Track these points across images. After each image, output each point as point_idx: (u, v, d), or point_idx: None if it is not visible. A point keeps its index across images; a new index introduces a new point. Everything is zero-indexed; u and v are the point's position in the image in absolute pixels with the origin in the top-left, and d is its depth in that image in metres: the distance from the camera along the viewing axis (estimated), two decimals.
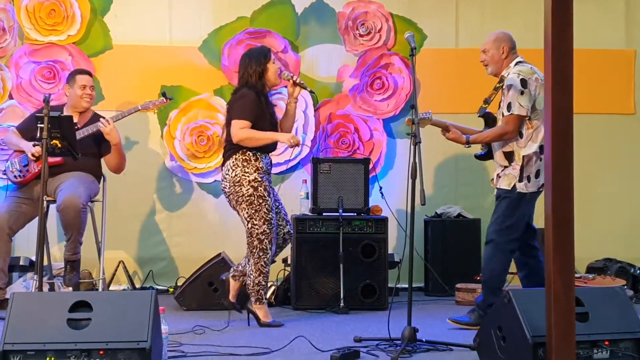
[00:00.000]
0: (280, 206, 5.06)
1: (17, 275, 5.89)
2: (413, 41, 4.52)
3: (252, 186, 4.79)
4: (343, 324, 5.06)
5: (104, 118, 5.50)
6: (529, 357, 3.39)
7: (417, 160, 4.26)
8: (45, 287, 4.58)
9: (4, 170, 5.58)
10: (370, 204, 5.82)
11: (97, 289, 5.73)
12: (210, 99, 6.38)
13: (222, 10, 6.44)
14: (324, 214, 5.70)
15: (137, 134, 6.36)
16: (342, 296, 5.44)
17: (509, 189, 4.85)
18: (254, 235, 4.81)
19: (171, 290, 6.13)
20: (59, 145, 4.54)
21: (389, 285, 5.61)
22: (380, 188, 5.83)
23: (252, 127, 4.81)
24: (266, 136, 4.84)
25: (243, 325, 4.92)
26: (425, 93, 6.38)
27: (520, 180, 4.83)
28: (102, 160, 5.62)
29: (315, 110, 6.43)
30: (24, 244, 6.03)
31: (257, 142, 4.82)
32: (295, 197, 6.08)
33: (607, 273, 6.08)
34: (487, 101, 5.06)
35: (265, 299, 4.95)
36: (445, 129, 5.01)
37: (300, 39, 6.49)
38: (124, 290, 6.03)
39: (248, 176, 4.80)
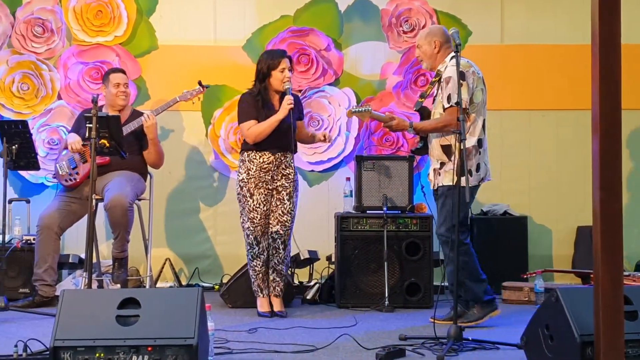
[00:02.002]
0: (280, 205, 5.18)
1: (67, 272, 5.99)
2: (458, 37, 4.49)
3: (239, 185, 5.19)
4: (388, 322, 5.05)
5: (147, 112, 5.57)
6: (577, 356, 3.35)
7: (462, 158, 4.24)
8: (94, 285, 4.65)
9: (54, 174, 5.67)
10: (415, 201, 5.80)
11: (145, 286, 5.81)
12: None
13: (266, 9, 6.47)
14: (367, 211, 5.69)
15: (183, 132, 6.43)
16: (386, 294, 5.43)
17: (452, 184, 4.77)
18: (244, 230, 5.25)
19: (216, 287, 6.18)
20: (107, 144, 4.60)
21: (434, 283, 5.59)
22: (422, 187, 5.80)
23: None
24: (269, 122, 5.08)
25: (289, 324, 4.94)
26: None
27: (462, 174, 4.78)
28: None
29: None
30: (73, 242, 6.14)
31: (266, 131, 5.08)
32: (338, 194, 6.09)
33: None
34: (423, 95, 5.05)
35: (257, 289, 5.24)
36: (389, 119, 4.95)
37: (343, 37, 6.48)
38: (170, 287, 6.09)
39: (239, 176, 5.21)
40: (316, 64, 6.36)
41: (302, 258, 5.97)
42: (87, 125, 4.52)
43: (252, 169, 5.14)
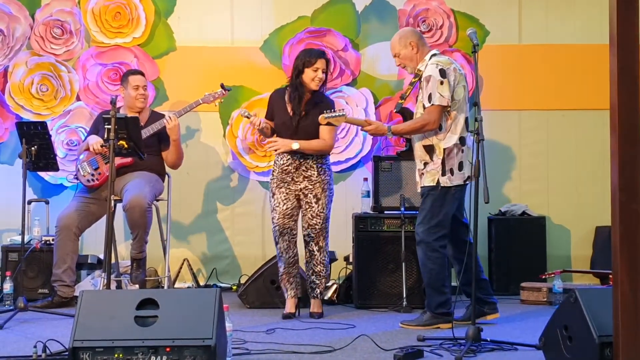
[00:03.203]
0: (309, 209, 5.15)
1: (85, 273, 6.02)
2: (475, 38, 4.47)
3: (269, 186, 5.27)
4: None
5: (168, 114, 5.59)
6: (595, 356, 3.33)
7: (480, 158, 4.23)
8: (113, 285, 4.68)
9: (75, 174, 5.71)
10: None
11: (163, 287, 5.83)
12: None
13: (283, 10, 6.47)
14: (385, 212, 5.69)
15: (200, 133, 6.45)
16: (404, 295, 5.42)
17: (434, 184, 4.76)
18: None
19: (234, 288, 6.20)
20: (126, 145, 4.62)
21: (452, 284, 5.57)
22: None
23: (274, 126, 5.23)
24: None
25: (307, 324, 4.94)
26: (487, 90, 6.31)
27: (443, 174, 4.75)
28: None
29: (376, 108, 6.41)
30: (92, 243, 6.17)
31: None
32: (356, 195, 6.08)
33: None
34: (403, 97, 5.00)
35: (283, 289, 5.26)
36: (366, 124, 4.91)
37: (360, 37, 6.48)
38: (188, 288, 6.12)
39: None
40: (333, 65, 6.36)
41: None
42: (106, 126, 4.55)
43: (276, 170, 5.20)
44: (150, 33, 6.41)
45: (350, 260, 5.81)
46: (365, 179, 5.98)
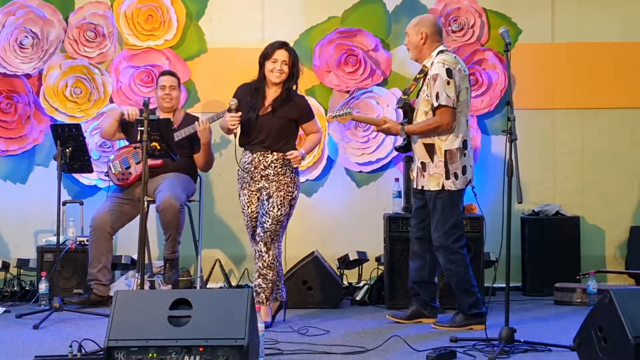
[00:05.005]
0: (261, 208, 4.96)
1: (119, 273, 6.07)
2: (508, 36, 4.44)
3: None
4: None
5: (202, 119, 5.63)
6: (630, 357, 3.30)
7: (513, 158, 4.20)
8: (146, 285, 4.72)
9: (107, 173, 5.77)
10: (465, 202, 5.75)
11: (195, 287, 5.86)
12: None
13: (313, 11, 6.47)
14: None
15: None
16: (437, 295, 5.39)
17: (439, 189, 4.75)
18: None
19: None
20: (158, 147, 4.66)
21: (485, 284, 5.54)
22: (473, 187, 5.74)
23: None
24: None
25: (339, 325, 4.94)
26: (520, 89, 6.26)
27: (447, 178, 4.74)
28: None
29: None
30: (125, 243, 6.22)
31: None
32: (387, 195, 6.07)
33: None
34: (406, 92, 4.96)
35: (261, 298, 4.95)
36: (382, 122, 4.90)
37: (391, 37, 6.46)
38: (220, 288, 6.14)
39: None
40: (364, 65, 6.35)
41: (351, 259, 5.97)
42: (139, 128, 4.59)
43: (239, 168, 4.99)
44: (182, 35, 6.45)
45: (382, 260, 5.80)
46: (397, 179, 5.96)
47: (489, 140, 6.40)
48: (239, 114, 4.93)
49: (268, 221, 4.90)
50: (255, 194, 5.01)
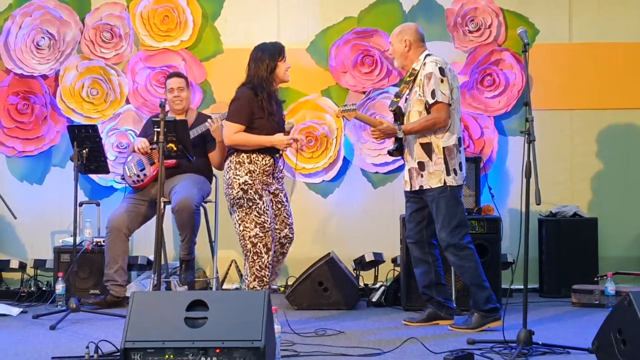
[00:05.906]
0: (283, 209, 4.93)
1: (136, 274, 6.09)
2: (526, 37, 4.41)
3: (241, 189, 4.73)
4: None
5: (210, 118, 5.63)
6: None
7: (531, 159, 4.17)
8: (162, 286, 4.73)
9: (122, 175, 5.78)
10: (482, 203, 5.72)
11: (211, 288, 5.87)
12: (318, 99, 6.42)
13: (330, 11, 6.46)
14: None
15: None
16: (453, 297, 5.36)
17: (441, 185, 4.74)
18: (247, 239, 4.76)
19: (282, 289, 6.20)
20: (175, 148, 4.66)
21: (503, 286, 5.51)
22: (490, 189, 5.72)
23: (250, 126, 4.78)
24: (258, 141, 4.77)
25: (355, 327, 4.93)
26: (537, 89, 6.22)
27: (448, 174, 4.74)
28: None
29: None
30: (141, 244, 6.23)
31: (250, 147, 4.77)
32: (403, 196, 6.03)
33: None
34: (398, 95, 4.95)
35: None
36: (378, 123, 4.87)
37: None
38: (236, 289, 6.14)
39: (238, 179, 4.75)
40: (380, 65, 6.34)
41: (367, 260, 5.96)
42: (155, 129, 4.60)
43: (255, 170, 4.77)
44: (198, 36, 6.46)
45: (398, 262, 5.78)
46: None
47: (506, 141, 6.37)
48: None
49: (293, 222, 5.00)
50: (270, 197, 4.92)
